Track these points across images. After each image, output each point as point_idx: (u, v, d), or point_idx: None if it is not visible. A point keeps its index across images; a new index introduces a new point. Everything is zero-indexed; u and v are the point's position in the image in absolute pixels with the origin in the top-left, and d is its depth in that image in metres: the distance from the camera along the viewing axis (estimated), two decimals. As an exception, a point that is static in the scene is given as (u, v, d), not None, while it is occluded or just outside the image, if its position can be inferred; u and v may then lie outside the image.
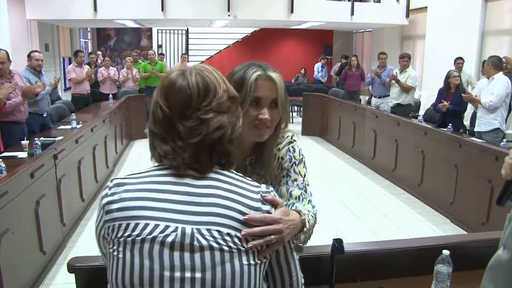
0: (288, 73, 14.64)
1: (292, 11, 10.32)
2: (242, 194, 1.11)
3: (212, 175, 1.14)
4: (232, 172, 1.18)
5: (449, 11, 9.65)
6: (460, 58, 7.80)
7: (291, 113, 11.87)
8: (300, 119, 10.64)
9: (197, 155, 1.10)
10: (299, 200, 1.56)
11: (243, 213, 1.08)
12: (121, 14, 9.67)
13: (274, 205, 1.15)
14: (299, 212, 1.34)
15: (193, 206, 1.07)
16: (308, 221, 1.42)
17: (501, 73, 5.50)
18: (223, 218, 1.07)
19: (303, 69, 14.44)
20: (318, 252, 1.84)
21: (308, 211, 1.49)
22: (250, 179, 1.17)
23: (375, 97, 8.27)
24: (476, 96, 5.69)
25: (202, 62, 14.92)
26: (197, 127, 1.09)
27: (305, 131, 9.83)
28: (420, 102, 8.60)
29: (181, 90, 1.11)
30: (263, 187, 1.16)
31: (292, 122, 11.55)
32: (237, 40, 15.24)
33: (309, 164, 5.54)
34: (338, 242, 1.67)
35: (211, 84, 1.13)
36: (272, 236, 1.11)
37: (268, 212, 1.11)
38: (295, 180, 1.59)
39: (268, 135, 1.50)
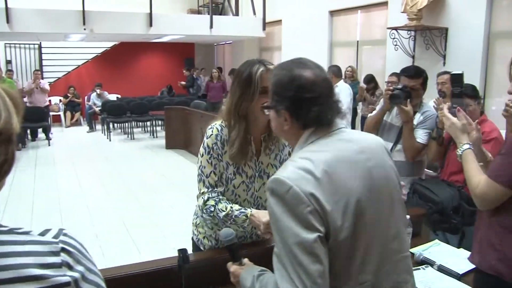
0: (152, 87, 14.46)
1: (151, 25, 10.23)
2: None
3: None
4: None
5: (300, 24, 10.30)
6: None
7: (154, 128, 11.73)
8: (163, 133, 10.53)
9: None
10: None
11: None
12: (-44, 26, 8.76)
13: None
14: None
15: None
16: None
17: (342, 81, 6.01)
18: None
19: (168, 86, 14.33)
20: (166, 264, 1.84)
21: None
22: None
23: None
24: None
25: (59, 78, 14.11)
26: None
27: (169, 145, 9.74)
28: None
29: None
30: (51, 235, 0.85)
31: (156, 137, 11.41)
32: (96, 54, 14.65)
33: (174, 177, 5.67)
34: (183, 252, 1.68)
35: None
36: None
37: (65, 261, 0.82)
38: None
39: None
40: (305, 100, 1.27)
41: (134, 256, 4.34)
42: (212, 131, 1.93)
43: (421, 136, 3.10)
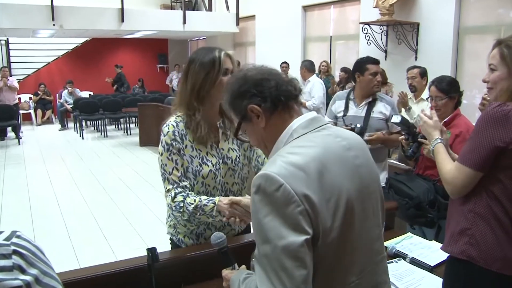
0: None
1: (122, 20, 10.10)
2: None
3: None
4: None
5: (274, 19, 10.30)
6: (285, 62, 8.36)
7: (128, 125, 11.58)
8: (137, 130, 10.39)
9: None
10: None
11: None
12: None
13: None
14: None
15: None
16: None
17: (314, 75, 6.02)
18: None
19: (139, 81, 14.16)
20: (135, 264, 1.80)
21: None
22: None
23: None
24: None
25: (28, 75, 13.82)
26: None
27: (143, 142, 9.60)
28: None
29: None
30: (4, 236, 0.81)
31: (130, 134, 11.26)
32: (67, 51, 14.36)
33: (147, 175, 5.67)
34: (152, 251, 1.65)
35: None
36: None
37: (17, 264, 0.79)
38: None
39: None
40: (259, 84, 1.28)
41: (108, 256, 4.27)
42: (168, 128, 1.93)
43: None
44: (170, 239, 2.15)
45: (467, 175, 1.68)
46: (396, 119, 2.71)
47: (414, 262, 2.06)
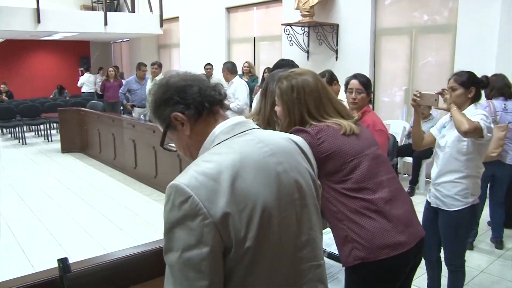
0: (45, 88, 13.70)
1: (39, 21, 9.65)
2: None
3: None
4: None
5: (198, 21, 10.26)
6: (209, 64, 8.35)
7: (48, 131, 11.04)
8: (58, 137, 9.92)
9: None
10: None
11: None
12: None
13: None
14: None
15: None
16: None
17: (237, 77, 6.06)
18: None
19: (58, 87, 13.51)
20: (47, 276, 1.72)
21: None
22: None
23: (139, 107, 8.28)
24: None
25: None
26: None
27: (65, 148, 9.12)
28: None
29: None
30: None
31: (51, 141, 10.75)
32: (-22, 53, 13.52)
33: (70, 182, 5.42)
34: (63, 262, 1.59)
35: None
36: None
37: None
38: None
39: None
40: (182, 90, 1.27)
41: (26, 270, 4.04)
42: None
43: None
44: None
45: None
46: None
47: (332, 256, 2.11)
